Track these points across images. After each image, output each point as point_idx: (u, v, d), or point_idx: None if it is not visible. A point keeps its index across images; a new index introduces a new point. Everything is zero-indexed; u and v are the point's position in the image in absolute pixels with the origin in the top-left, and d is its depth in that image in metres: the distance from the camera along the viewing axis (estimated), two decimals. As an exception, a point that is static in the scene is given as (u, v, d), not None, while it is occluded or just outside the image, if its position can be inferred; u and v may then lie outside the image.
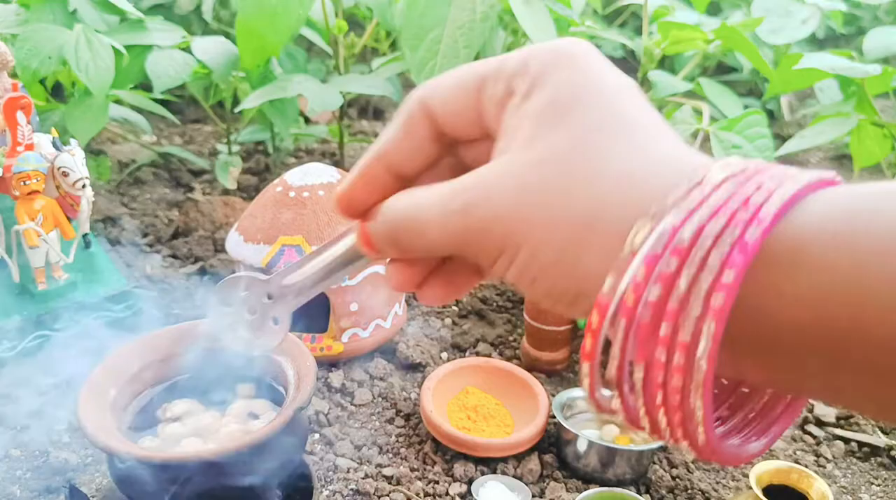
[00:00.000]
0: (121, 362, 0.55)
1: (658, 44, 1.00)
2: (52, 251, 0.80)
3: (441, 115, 0.28)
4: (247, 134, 1.33)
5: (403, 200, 0.28)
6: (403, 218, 0.28)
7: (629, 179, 0.23)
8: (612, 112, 0.24)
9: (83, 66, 0.92)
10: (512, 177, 0.25)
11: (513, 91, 0.26)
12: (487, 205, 0.25)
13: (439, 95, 0.28)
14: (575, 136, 0.24)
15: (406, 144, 0.29)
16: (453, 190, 0.26)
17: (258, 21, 0.97)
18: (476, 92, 0.27)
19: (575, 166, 0.24)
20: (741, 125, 0.78)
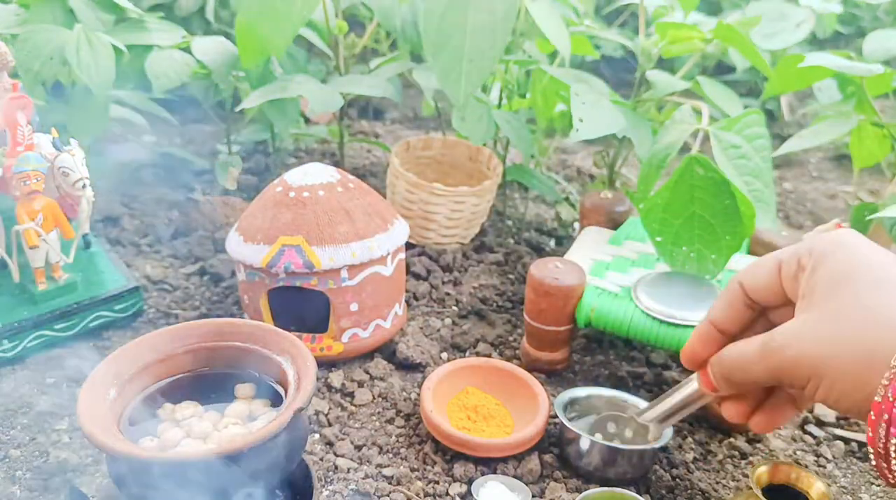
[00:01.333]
0: (121, 362, 0.54)
1: (656, 43, 0.99)
2: (52, 251, 0.80)
3: (752, 290, 0.44)
4: (247, 134, 1.33)
5: (733, 349, 0.44)
6: (734, 359, 0.43)
7: (887, 326, 0.35)
8: (877, 277, 0.37)
9: (84, 66, 0.92)
10: (811, 329, 0.38)
11: (803, 267, 0.40)
12: (796, 346, 0.38)
13: (749, 273, 0.45)
14: (848, 300, 0.37)
15: (729, 312, 0.46)
16: (771, 337, 0.40)
17: (259, 21, 0.96)
18: (776, 271, 0.43)
19: (850, 322, 0.36)
20: (740, 125, 0.77)
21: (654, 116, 1.06)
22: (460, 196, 1.02)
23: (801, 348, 0.38)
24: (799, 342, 0.38)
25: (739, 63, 1.43)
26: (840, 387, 0.36)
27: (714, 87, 1.00)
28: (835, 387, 0.36)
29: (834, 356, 0.36)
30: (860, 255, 0.38)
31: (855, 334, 0.36)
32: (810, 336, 0.38)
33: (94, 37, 0.94)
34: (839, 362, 0.36)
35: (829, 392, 0.37)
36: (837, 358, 0.36)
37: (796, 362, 0.38)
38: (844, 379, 0.36)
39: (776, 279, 0.42)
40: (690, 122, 0.82)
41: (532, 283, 0.79)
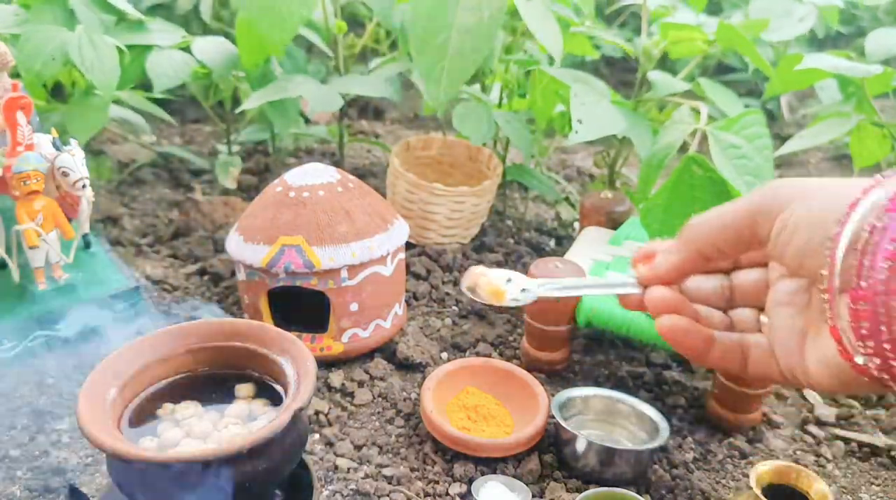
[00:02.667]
0: (121, 362, 0.54)
1: (657, 44, 1.00)
2: (52, 251, 0.80)
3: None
4: (247, 134, 1.33)
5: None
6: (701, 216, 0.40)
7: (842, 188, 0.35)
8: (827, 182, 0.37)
9: (88, 65, 0.92)
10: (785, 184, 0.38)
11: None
12: (775, 186, 0.37)
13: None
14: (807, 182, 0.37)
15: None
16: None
17: (260, 20, 0.96)
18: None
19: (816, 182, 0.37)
20: (739, 125, 0.77)
21: (655, 117, 1.06)
22: (460, 196, 1.02)
23: (782, 181, 0.38)
24: (776, 184, 0.38)
25: (744, 64, 1.43)
26: (799, 217, 0.36)
27: (715, 87, 1.00)
28: (795, 216, 0.36)
29: (810, 187, 0.36)
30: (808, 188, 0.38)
31: (817, 191, 0.36)
32: (787, 184, 0.38)
33: (97, 37, 0.94)
34: (812, 192, 0.36)
35: (789, 217, 0.36)
36: (812, 188, 0.36)
37: (777, 186, 0.37)
38: (804, 210, 0.35)
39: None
40: (689, 122, 0.82)
41: (532, 283, 0.79)
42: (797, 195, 0.36)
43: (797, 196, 0.36)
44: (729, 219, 0.39)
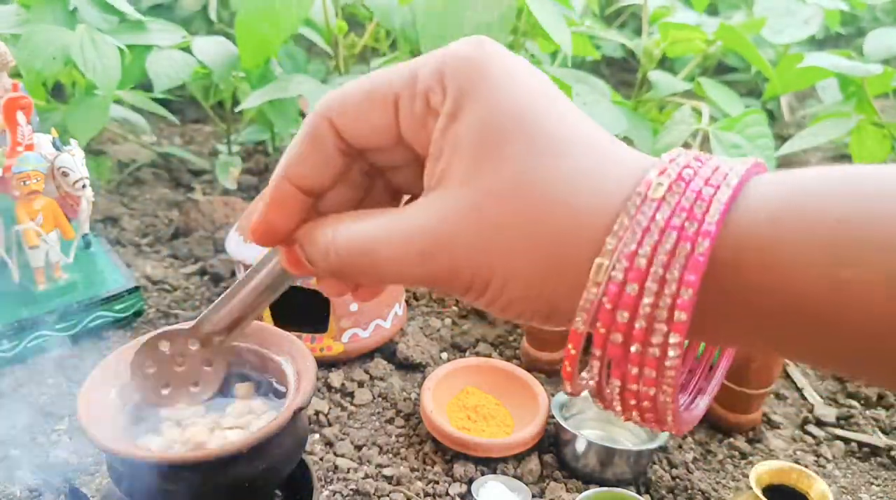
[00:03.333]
0: (121, 362, 0.54)
1: (657, 44, 1.00)
2: (52, 251, 0.80)
3: (350, 130, 0.28)
4: (247, 134, 1.33)
5: (347, 235, 0.28)
6: (355, 255, 0.27)
7: (577, 208, 0.24)
8: (545, 134, 0.25)
9: (90, 65, 0.92)
10: (465, 219, 0.25)
11: (434, 109, 0.26)
12: (448, 251, 0.25)
13: (349, 110, 0.28)
14: (516, 170, 0.24)
15: (314, 160, 0.28)
16: (406, 235, 0.26)
17: (258, 20, 0.96)
18: (391, 107, 0.27)
19: (524, 201, 0.24)
20: (741, 125, 0.78)
21: (656, 117, 1.06)
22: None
23: (455, 251, 0.25)
24: (450, 242, 0.25)
25: (744, 64, 1.43)
26: (511, 294, 0.25)
27: (715, 87, 1.00)
28: (504, 294, 0.25)
29: (502, 258, 0.25)
30: (514, 91, 0.25)
31: (528, 224, 0.24)
32: (466, 232, 0.25)
33: (98, 37, 0.94)
34: (509, 265, 0.25)
35: (494, 300, 0.26)
36: (507, 259, 0.25)
37: (450, 270, 0.26)
38: (515, 284, 0.25)
39: (391, 122, 0.27)
40: (690, 122, 0.82)
41: (532, 283, 0.79)
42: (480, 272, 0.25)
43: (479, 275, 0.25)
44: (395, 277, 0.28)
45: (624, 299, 0.23)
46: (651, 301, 0.23)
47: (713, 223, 0.22)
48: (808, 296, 0.22)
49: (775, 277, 0.22)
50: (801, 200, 0.22)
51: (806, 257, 0.22)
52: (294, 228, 0.30)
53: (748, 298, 0.23)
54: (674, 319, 0.23)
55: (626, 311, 0.23)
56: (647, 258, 0.23)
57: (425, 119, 0.26)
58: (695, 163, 0.24)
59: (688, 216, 0.23)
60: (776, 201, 0.23)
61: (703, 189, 0.23)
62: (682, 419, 0.26)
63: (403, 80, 0.27)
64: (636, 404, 0.25)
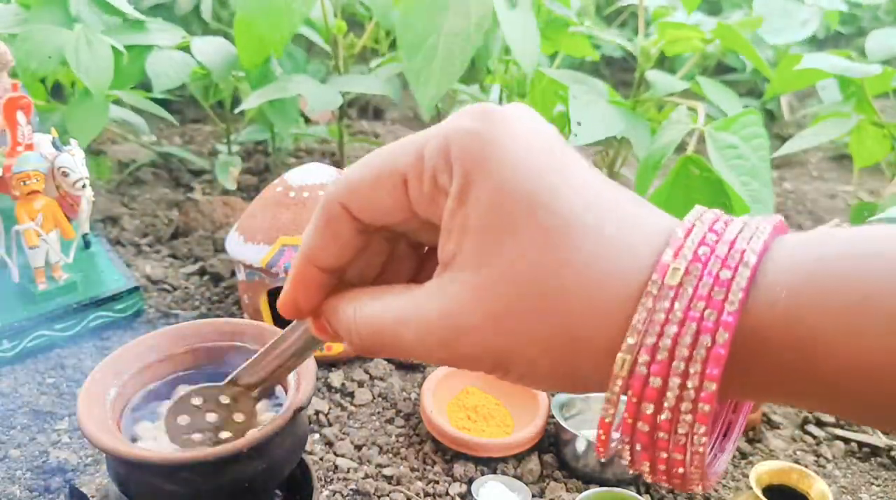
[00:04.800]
0: (121, 362, 0.54)
1: (655, 43, 1.00)
2: (52, 251, 0.80)
3: (363, 212, 0.28)
4: (247, 134, 1.33)
5: (368, 317, 0.28)
6: (377, 337, 0.28)
7: (593, 298, 0.24)
8: (556, 219, 0.24)
9: (83, 66, 0.92)
10: (480, 307, 0.25)
11: (442, 189, 0.26)
12: (467, 339, 0.25)
13: (359, 195, 0.28)
14: (528, 260, 0.24)
15: (332, 244, 0.29)
16: (425, 324, 0.26)
17: (258, 19, 0.97)
18: (401, 189, 0.27)
19: (538, 293, 0.24)
20: (737, 125, 0.78)
21: (654, 116, 1.06)
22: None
23: (473, 340, 0.25)
24: (468, 331, 0.25)
25: (746, 63, 1.43)
26: (536, 374, 0.26)
27: (714, 87, 1.00)
28: (529, 375, 0.26)
29: (522, 343, 0.25)
30: (522, 168, 0.24)
31: (545, 308, 0.24)
32: (482, 319, 0.25)
33: (94, 37, 0.94)
34: (529, 350, 0.25)
35: (520, 380, 0.26)
36: (526, 344, 0.25)
37: (471, 357, 0.26)
38: (539, 367, 0.25)
39: (403, 201, 0.27)
40: (687, 122, 0.82)
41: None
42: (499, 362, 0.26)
43: (500, 364, 0.26)
44: (424, 356, 0.28)
45: (647, 393, 0.24)
46: (675, 394, 0.23)
47: (733, 313, 0.22)
48: (831, 372, 0.22)
49: (797, 353, 0.22)
50: (822, 280, 0.22)
51: (826, 336, 0.22)
52: (319, 303, 0.31)
53: (772, 370, 0.23)
54: (698, 410, 0.23)
55: (651, 404, 0.24)
56: (669, 351, 0.23)
57: (435, 197, 0.26)
58: (710, 236, 0.24)
59: (706, 305, 0.23)
60: (796, 278, 0.23)
61: (721, 272, 0.23)
62: (709, 479, 0.27)
63: (409, 161, 0.27)
64: (666, 478, 0.26)
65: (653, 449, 0.25)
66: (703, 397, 0.23)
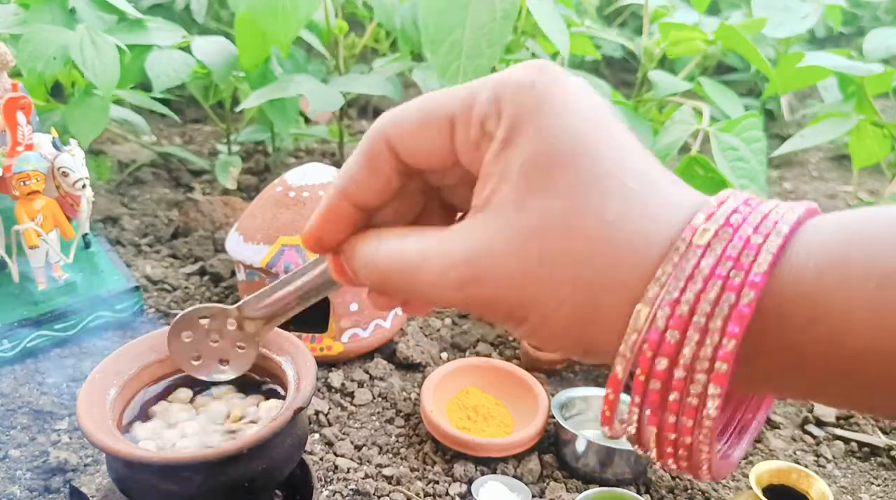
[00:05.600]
0: (121, 362, 0.54)
1: (658, 44, 1.00)
2: (52, 251, 0.80)
3: (407, 152, 0.28)
4: (247, 134, 1.33)
5: (389, 252, 0.28)
6: (395, 272, 0.28)
7: (622, 250, 0.24)
8: (597, 168, 0.24)
9: (89, 65, 0.92)
10: (509, 249, 0.25)
11: (489, 134, 0.26)
12: (488, 281, 0.25)
13: (405, 133, 0.28)
14: (566, 201, 0.24)
15: (371, 180, 0.29)
16: (446, 261, 0.26)
17: (264, 16, 0.96)
18: (447, 132, 0.27)
19: (570, 239, 0.24)
20: (739, 128, 0.78)
21: (656, 116, 1.06)
22: (460, 196, 1.02)
23: (496, 283, 0.25)
24: (491, 273, 0.25)
25: (744, 63, 1.43)
26: (550, 329, 0.25)
27: (715, 87, 1.00)
28: (542, 328, 0.25)
29: (544, 292, 0.25)
30: (570, 119, 0.25)
31: (574, 260, 0.24)
32: (509, 263, 0.25)
33: (98, 36, 0.94)
34: (550, 301, 0.25)
35: (532, 333, 0.26)
36: (549, 295, 0.25)
37: (489, 300, 0.26)
38: (555, 321, 0.25)
39: (447, 144, 0.27)
40: (691, 122, 0.82)
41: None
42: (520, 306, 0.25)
43: (520, 308, 0.25)
44: (437, 298, 0.27)
45: (664, 347, 0.23)
46: (692, 350, 0.23)
47: (760, 274, 0.22)
48: (851, 352, 0.22)
49: (820, 329, 0.22)
50: (851, 258, 0.22)
51: (849, 313, 0.21)
52: (343, 239, 0.31)
53: (791, 349, 0.23)
54: (714, 369, 0.22)
55: (666, 358, 0.23)
56: (690, 306, 0.23)
57: (480, 143, 0.26)
58: (744, 208, 0.24)
59: (734, 266, 0.22)
60: (824, 254, 0.22)
61: (752, 237, 0.23)
62: (718, 467, 0.25)
63: (460, 104, 0.27)
64: (672, 451, 0.25)
65: (662, 411, 0.24)
66: (720, 356, 0.22)
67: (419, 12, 0.85)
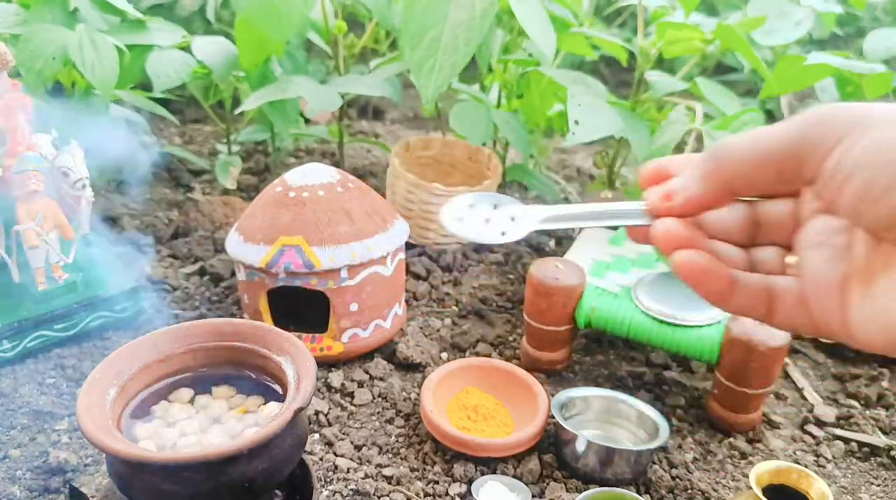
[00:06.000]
0: (121, 362, 0.54)
1: (654, 44, 1.00)
2: (52, 251, 0.80)
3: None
4: (247, 134, 1.33)
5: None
6: (734, 138, 0.33)
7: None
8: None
9: (88, 65, 0.92)
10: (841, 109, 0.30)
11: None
12: (827, 111, 0.30)
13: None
14: None
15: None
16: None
17: (259, 19, 0.96)
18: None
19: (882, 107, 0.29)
20: (736, 124, 0.78)
21: (654, 117, 1.06)
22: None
23: (840, 107, 0.30)
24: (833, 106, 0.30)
25: (744, 63, 1.43)
26: (886, 155, 0.28)
27: (713, 87, 1.00)
28: (877, 151, 0.28)
29: (880, 110, 0.29)
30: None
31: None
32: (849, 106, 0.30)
33: (98, 36, 0.94)
34: (887, 115, 0.28)
35: (870, 143, 0.28)
36: (885, 111, 0.28)
37: (832, 110, 0.30)
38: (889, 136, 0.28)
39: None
40: (685, 122, 0.82)
41: (532, 283, 0.79)
42: (858, 125, 0.29)
43: (858, 126, 0.29)
44: (768, 150, 0.31)
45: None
46: None
47: None
48: None
49: None
50: None
51: None
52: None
53: None
54: None
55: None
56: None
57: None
58: None
59: None
60: None
61: None
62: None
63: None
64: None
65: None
66: None
67: (401, 9, 0.85)
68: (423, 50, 0.84)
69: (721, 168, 0.33)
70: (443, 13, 0.83)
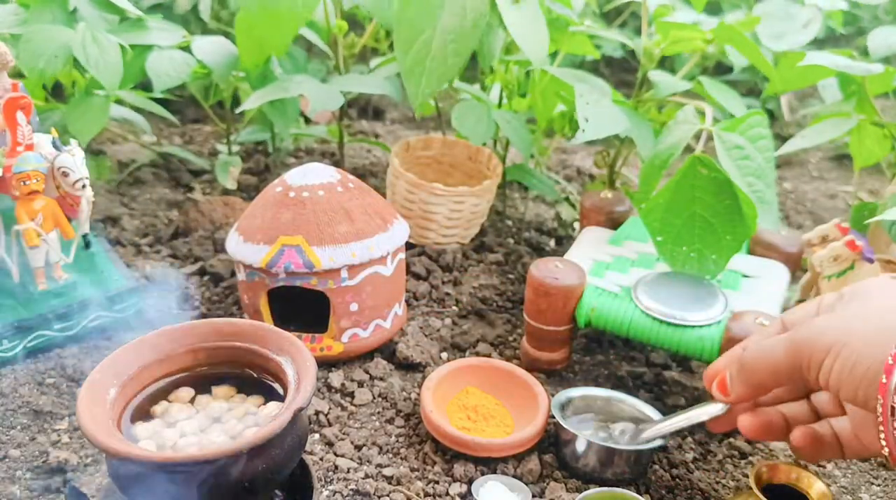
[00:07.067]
0: (121, 362, 0.54)
1: (657, 44, 0.99)
2: (52, 251, 0.80)
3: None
4: (247, 134, 1.33)
5: (754, 345, 0.51)
6: (755, 352, 0.51)
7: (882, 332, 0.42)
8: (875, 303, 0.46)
9: (93, 62, 0.92)
10: (832, 315, 0.47)
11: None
12: (811, 328, 0.46)
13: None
14: (870, 298, 0.46)
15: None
16: (793, 326, 0.51)
17: (259, 20, 0.96)
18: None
19: (873, 307, 0.45)
20: (744, 126, 0.77)
21: (655, 116, 1.06)
22: (460, 196, 1.02)
23: (824, 325, 0.45)
24: (823, 321, 0.46)
25: (737, 62, 1.43)
26: (855, 356, 0.42)
27: (716, 87, 1.00)
28: (850, 356, 0.42)
29: (853, 328, 0.43)
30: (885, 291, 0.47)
31: (874, 314, 0.44)
32: (832, 319, 0.46)
33: (99, 35, 0.94)
34: (857, 334, 0.42)
35: (843, 362, 0.42)
36: (856, 330, 0.43)
37: (819, 333, 0.44)
38: (859, 349, 0.42)
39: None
40: (694, 122, 0.82)
41: (532, 283, 0.79)
42: (838, 340, 0.43)
43: (838, 342, 0.43)
44: (776, 366, 0.48)
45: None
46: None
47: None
48: None
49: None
50: None
51: None
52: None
53: None
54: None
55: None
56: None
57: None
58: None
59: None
60: None
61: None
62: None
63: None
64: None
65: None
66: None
67: (394, 13, 0.85)
68: (414, 54, 0.84)
69: (749, 379, 0.51)
70: (433, 18, 0.83)
